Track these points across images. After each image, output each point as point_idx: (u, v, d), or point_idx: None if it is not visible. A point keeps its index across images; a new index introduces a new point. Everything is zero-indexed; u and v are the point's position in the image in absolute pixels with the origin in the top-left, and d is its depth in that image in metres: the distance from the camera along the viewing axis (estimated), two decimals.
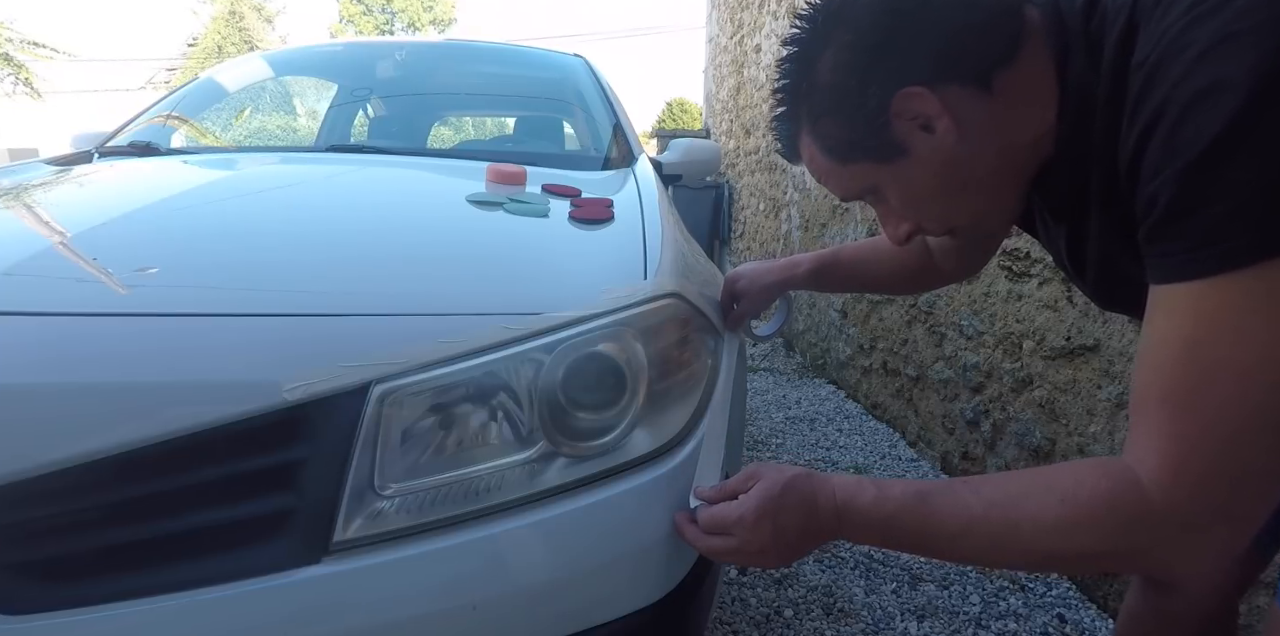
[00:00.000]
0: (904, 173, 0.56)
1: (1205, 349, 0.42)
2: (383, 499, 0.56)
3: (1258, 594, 1.08)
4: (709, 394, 0.75)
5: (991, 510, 0.50)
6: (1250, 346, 0.41)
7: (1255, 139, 0.39)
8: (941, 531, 0.52)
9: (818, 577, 1.55)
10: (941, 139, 0.53)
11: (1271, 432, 0.41)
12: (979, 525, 0.50)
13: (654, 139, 7.56)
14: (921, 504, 0.53)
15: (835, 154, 0.58)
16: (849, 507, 0.56)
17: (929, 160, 0.54)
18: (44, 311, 0.60)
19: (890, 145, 0.54)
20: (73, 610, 0.50)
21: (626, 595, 0.62)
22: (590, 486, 0.62)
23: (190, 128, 1.73)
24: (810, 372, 3.23)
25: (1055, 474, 0.49)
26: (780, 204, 3.88)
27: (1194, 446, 0.43)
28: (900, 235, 0.62)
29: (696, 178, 1.64)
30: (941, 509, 0.52)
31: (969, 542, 0.51)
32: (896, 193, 0.58)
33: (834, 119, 0.56)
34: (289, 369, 0.55)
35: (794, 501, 0.57)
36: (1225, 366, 0.42)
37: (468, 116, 3.26)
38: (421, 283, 0.70)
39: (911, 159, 0.54)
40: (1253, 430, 0.41)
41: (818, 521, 0.57)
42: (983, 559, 0.56)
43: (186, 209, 0.91)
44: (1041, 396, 1.63)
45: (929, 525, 0.52)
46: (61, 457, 0.50)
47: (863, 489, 0.56)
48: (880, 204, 0.62)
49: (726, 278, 0.97)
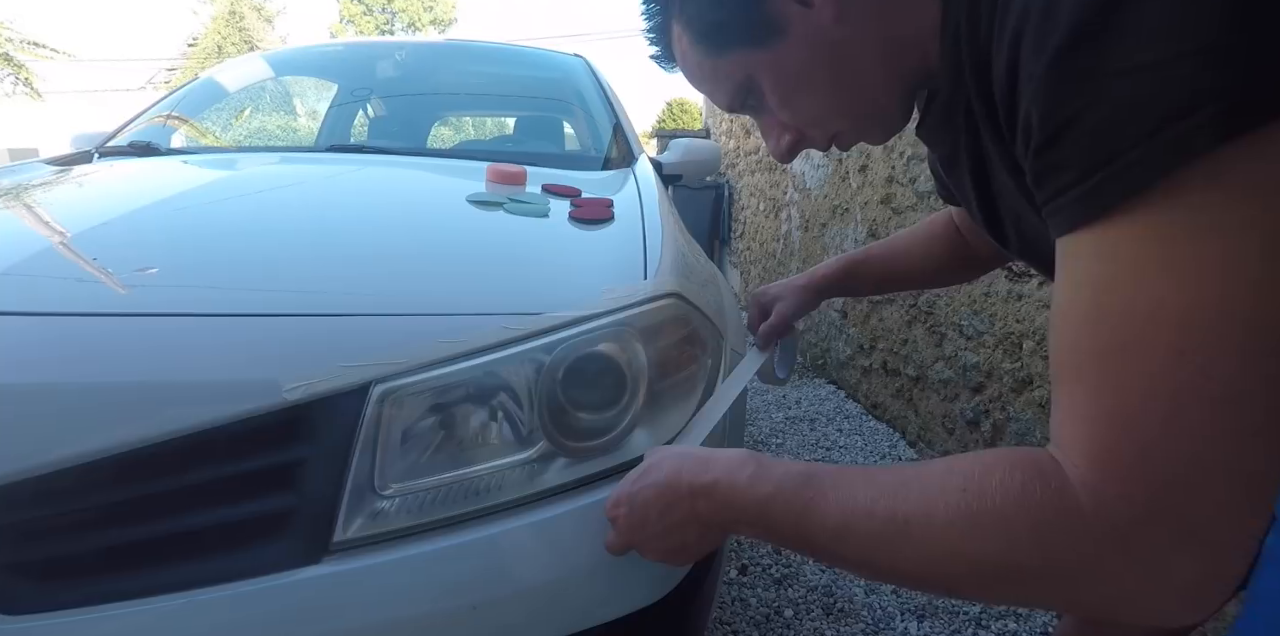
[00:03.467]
0: (780, 59, 0.50)
1: (1120, 302, 0.32)
2: (383, 499, 0.56)
3: None
4: (709, 394, 0.75)
5: (879, 501, 0.39)
6: (1176, 292, 0.31)
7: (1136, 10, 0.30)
8: (821, 525, 0.41)
9: (818, 577, 1.55)
10: (820, 13, 0.47)
11: (1236, 408, 0.30)
12: (861, 519, 0.39)
13: (654, 139, 7.56)
14: (804, 487, 0.43)
15: (708, 41, 0.52)
16: (718, 486, 0.47)
17: (806, 41, 0.49)
18: (44, 311, 0.60)
19: (765, 23, 0.49)
20: (73, 610, 0.50)
21: (626, 595, 0.62)
22: (590, 486, 0.62)
23: (190, 128, 1.73)
24: (810, 372, 3.23)
25: (965, 460, 0.38)
26: (780, 204, 3.88)
27: (1122, 429, 0.32)
28: (783, 147, 0.57)
29: (696, 178, 1.64)
30: (824, 496, 0.41)
31: (851, 543, 0.40)
32: (772, 85, 0.52)
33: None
34: (289, 369, 0.55)
35: (651, 480, 0.51)
36: (1148, 322, 0.31)
37: (468, 116, 3.25)
38: (422, 282, 0.70)
39: (789, 40, 0.49)
40: (1201, 405, 0.30)
41: (675, 501, 0.49)
42: (869, 566, 0.41)
43: (186, 209, 0.91)
44: (1042, 396, 1.63)
45: (807, 516, 0.42)
46: (61, 457, 0.50)
47: (743, 466, 0.47)
48: (762, 114, 0.57)
49: (753, 296, 0.93)
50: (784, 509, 0.43)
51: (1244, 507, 0.31)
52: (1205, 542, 0.31)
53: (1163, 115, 0.30)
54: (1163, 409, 0.31)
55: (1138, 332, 0.32)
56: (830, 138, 0.56)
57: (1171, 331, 0.31)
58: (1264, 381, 0.30)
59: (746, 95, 0.55)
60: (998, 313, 1.82)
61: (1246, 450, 0.30)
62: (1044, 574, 0.34)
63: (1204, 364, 0.30)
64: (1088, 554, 0.33)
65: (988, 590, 0.38)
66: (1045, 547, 0.34)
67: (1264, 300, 0.30)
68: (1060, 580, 0.34)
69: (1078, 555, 0.33)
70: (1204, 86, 0.29)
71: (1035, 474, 0.34)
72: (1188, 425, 0.31)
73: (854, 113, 0.53)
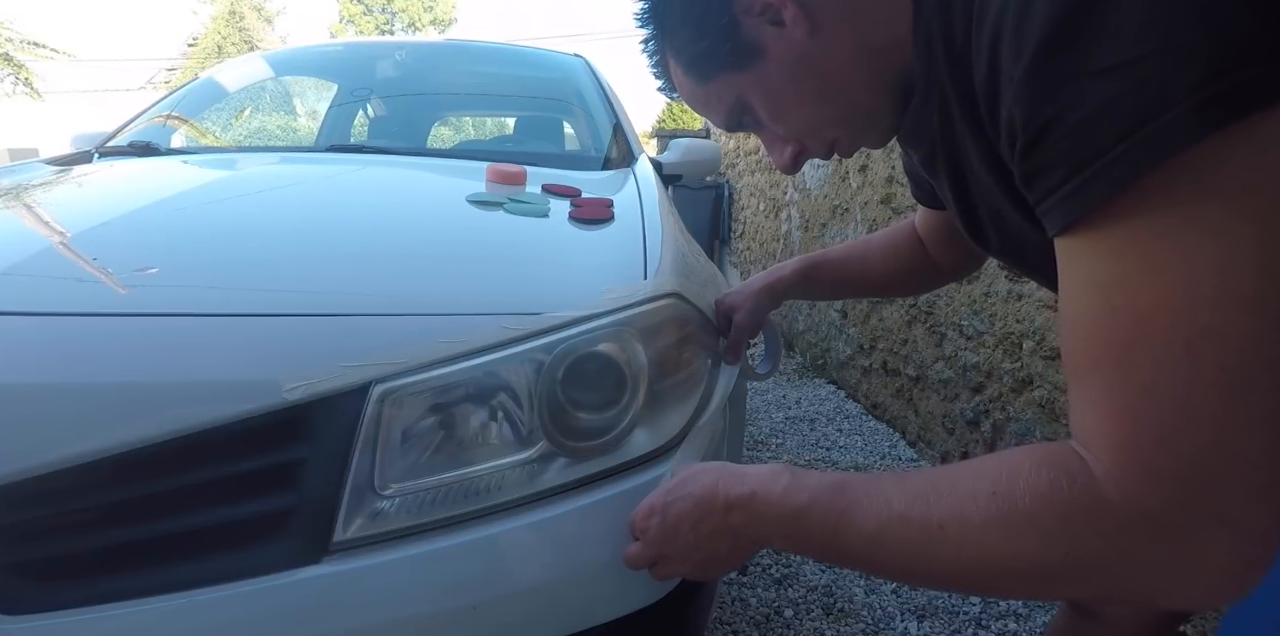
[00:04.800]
0: (764, 79, 0.52)
1: (1123, 300, 0.34)
2: (383, 499, 0.56)
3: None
4: (709, 394, 0.75)
5: (913, 507, 0.40)
6: (1172, 286, 0.32)
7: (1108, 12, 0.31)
8: (856, 531, 0.42)
9: (818, 577, 1.55)
10: (792, 31, 0.49)
11: (1248, 394, 0.31)
12: (896, 525, 0.40)
13: (654, 139, 7.57)
14: (839, 497, 0.44)
15: (696, 71, 0.55)
16: (755, 499, 0.48)
17: (785, 59, 0.50)
18: (44, 311, 0.59)
19: (744, 48, 0.51)
20: (73, 610, 0.50)
21: (627, 595, 0.62)
22: (590, 486, 0.62)
23: (190, 128, 1.73)
24: (810, 372, 3.23)
25: (991, 462, 0.39)
26: (780, 204, 3.88)
27: (1141, 422, 0.33)
28: (786, 159, 0.59)
29: (696, 178, 1.64)
30: (858, 503, 0.42)
31: (888, 549, 0.41)
32: (762, 103, 0.54)
33: (686, 31, 0.53)
34: (289, 369, 0.55)
35: (686, 491, 0.52)
36: (1151, 318, 0.32)
37: (468, 116, 3.25)
38: (422, 282, 0.70)
39: (769, 60, 0.51)
40: (1213, 393, 0.31)
41: (710, 512, 0.50)
42: (906, 571, 0.42)
43: (186, 209, 0.91)
44: (1042, 396, 1.63)
45: (842, 525, 0.43)
46: (61, 457, 0.50)
47: (777, 478, 0.48)
48: (761, 130, 0.59)
49: (715, 304, 0.91)
50: (820, 518, 0.44)
51: (1266, 490, 0.32)
52: (1232, 525, 0.32)
53: (1139, 114, 0.31)
54: (1178, 400, 0.32)
55: (1144, 329, 0.33)
56: (829, 145, 0.58)
57: (1175, 325, 0.32)
58: (1269, 366, 0.31)
59: (741, 115, 0.57)
60: (998, 313, 1.82)
61: (1263, 433, 0.31)
62: (1080, 568, 0.35)
63: (1211, 353, 0.31)
64: (1120, 545, 0.34)
65: (1026, 588, 0.39)
66: (1078, 543, 0.35)
67: (1262, 284, 0.31)
68: (1096, 573, 0.35)
69: (1110, 547, 0.34)
70: (1176, 84, 0.30)
71: (1061, 471, 0.35)
72: (1203, 413, 0.32)
73: (844, 118, 0.55)
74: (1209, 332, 0.31)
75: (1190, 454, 0.32)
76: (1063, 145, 0.34)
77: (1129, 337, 0.33)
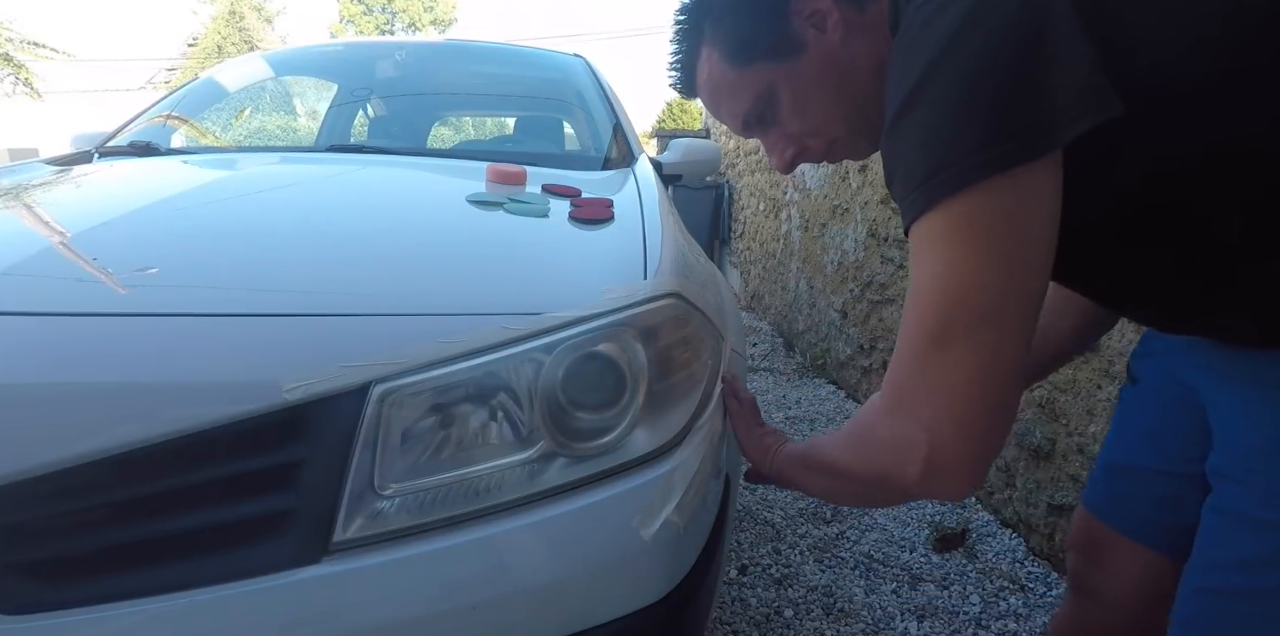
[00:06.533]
0: (798, 71, 0.61)
1: (910, 289, 0.50)
2: (383, 499, 0.56)
3: None
4: (709, 394, 0.75)
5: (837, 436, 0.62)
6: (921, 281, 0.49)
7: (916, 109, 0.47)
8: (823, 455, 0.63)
9: (818, 577, 1.55)
10: (830, 37, 0.59)
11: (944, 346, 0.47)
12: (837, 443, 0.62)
13: (654, 139, 7.56)
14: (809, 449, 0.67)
15: (737, 56, 0.62)
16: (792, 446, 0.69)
17: (820, 56, 0.60)
18: (44, 311, 0.60)
19: (788, 41, 0.60)
20: (73, 610, 0.50)
21: (626, 595, 0.62)
22: (590, 486, 0.62)
23: (190, 128, 1.73)
24: (810, 372, 3.23)
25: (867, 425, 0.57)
26: (780, 204, 3.89)
27: (894, 361, 0.52)
28: (786, 159, 0.67)
29: (696, 178, 1.64)
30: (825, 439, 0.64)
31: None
32: (789, 93, 0.62)
33: (736, 17, 0.62)
34: (289, 369, 0.55)
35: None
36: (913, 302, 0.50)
37: (468, 116, 3.26)
38: (422, 282, 0.70)
39: (806, 56, 0.60)
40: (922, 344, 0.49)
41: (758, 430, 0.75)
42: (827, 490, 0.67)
43: (186, 209, 0.91)
44: (1041, 396, 1.63)
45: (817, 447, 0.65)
46: (61, 457, 0.50)
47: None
48: (770, 129, 0.66)
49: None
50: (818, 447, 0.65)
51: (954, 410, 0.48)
52: (928, 431, 0.49)
53: (923, 176, 0.47)
54: (903, 348, 0.51)
55: (908, 308, 0.50)
56: (828, 145, 0.65)
57: (913, 301, 0.50)
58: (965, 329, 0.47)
59: (765, 106, 0.64)
60: None
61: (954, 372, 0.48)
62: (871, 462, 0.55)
63: (923, 318, 0.49)
64: (880, 434, 0.54)
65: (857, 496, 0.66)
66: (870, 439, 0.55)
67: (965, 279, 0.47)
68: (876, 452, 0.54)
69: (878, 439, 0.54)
70: (942, 159, 0.46)
71: (870, 406, 0.55)
72: (912, 356, 0.50)
73: (850, 119, 0.63)
74: (927, 305, 0.48)
75: (903, 381, 0.51)
76: (895, 186, 0.51)
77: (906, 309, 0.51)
